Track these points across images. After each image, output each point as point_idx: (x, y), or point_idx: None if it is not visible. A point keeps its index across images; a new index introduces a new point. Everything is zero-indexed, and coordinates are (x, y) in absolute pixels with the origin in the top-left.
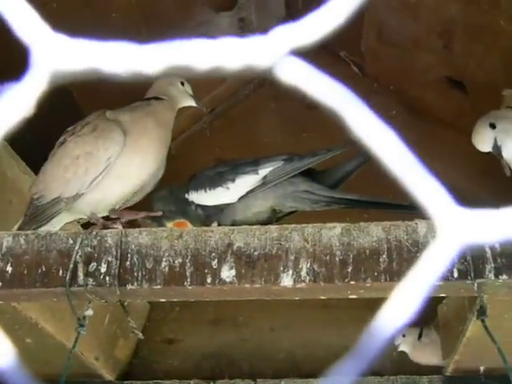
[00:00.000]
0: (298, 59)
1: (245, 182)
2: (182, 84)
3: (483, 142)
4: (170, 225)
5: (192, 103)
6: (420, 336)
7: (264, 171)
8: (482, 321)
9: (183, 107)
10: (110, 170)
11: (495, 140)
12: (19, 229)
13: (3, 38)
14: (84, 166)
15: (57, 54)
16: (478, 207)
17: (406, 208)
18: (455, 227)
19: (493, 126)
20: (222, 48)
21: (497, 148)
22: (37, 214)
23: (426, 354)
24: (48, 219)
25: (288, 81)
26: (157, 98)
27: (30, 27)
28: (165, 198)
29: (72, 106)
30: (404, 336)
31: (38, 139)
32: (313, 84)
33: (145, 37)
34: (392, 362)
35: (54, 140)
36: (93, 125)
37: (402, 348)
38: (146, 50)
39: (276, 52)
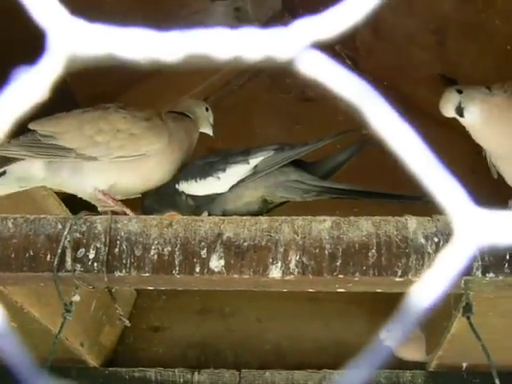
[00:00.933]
0: (319, 53)
1: (235, 172)
2: (207, 110)
3: (447, 104)
4: None
5: (209, 132)
6: None
7: (255, 161)
8: (468, 318)
9: None
10: (136, 165)
11: (459, 103)
12: None
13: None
14: (120, 143)
15: (74, 39)
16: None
17: (397, 198)
18: (474, 227)
19: (459, 92)
20: (242, 38)
21: (459, 109)
22: (38, 146)
23: (410, 350)
24: (45, 155)
25: (308, 74)
26: (185, 115)
27: (48, 10)
28: (154, 191)
29: (68, 95)
30: (388, 331)
31: None
32: (332, 77)
33: (140, 22)
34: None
35: None
36: (148, 114)
37: (386, 343)
38: (165, 38)
39: (296, 45)
